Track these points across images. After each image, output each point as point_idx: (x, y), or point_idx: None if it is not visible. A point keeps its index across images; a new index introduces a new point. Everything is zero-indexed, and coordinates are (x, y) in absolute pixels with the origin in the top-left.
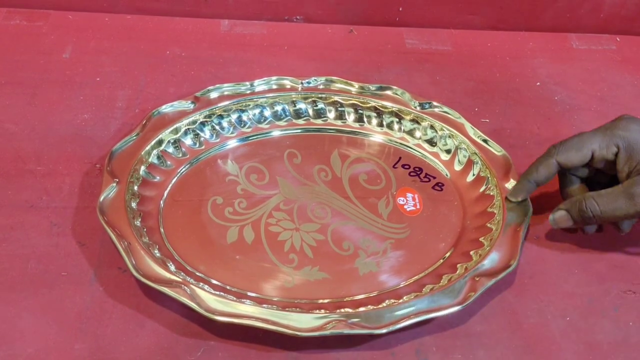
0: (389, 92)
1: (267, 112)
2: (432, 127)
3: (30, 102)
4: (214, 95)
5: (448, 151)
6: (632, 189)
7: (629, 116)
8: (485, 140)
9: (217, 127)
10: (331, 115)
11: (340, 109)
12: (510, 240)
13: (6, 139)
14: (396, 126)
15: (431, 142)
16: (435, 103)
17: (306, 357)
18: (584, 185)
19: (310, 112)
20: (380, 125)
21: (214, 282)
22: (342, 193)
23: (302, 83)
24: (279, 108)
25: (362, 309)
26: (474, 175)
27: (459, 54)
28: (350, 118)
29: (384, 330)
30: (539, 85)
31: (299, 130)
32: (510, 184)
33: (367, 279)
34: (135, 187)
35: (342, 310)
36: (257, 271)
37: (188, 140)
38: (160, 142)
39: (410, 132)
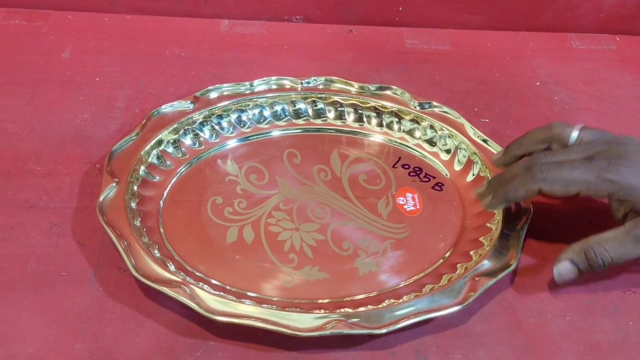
0: (388, 92)
1: (267, 112)
2: (431, 127)
3: (30, 102)
4: (213, 95)
5: (448, 151)
6: (638, 231)
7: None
8: (485, 140)
9: (217, 127)
10: (331, 115)
11: (339, 109)
12: (511, 240)
13: (6, 139)
14: (396, 126)
15: (431, 142)
16: (435, 103)
17: (306, 357)
18: None
19: (310, 112)
20: (380, 125)
21: (214, 282)
22: (341, 193)
23: (301, 83)
24: (278, 108)
25: (362, 309)
26: (473, 175)
27: (459, 54)
28: (350, 118)
29: (383, 330)
30: (539, 85)
31: (299, 130)
32: None
33: (367, 279)
34: (135, 187)
35: (342, 310)
36: (256, 271)
37: (188, 140)
38: (159, 142)
39: (410, 132)
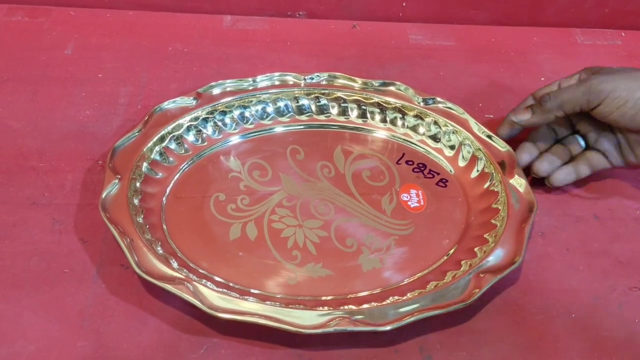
0: (392, 88)
1: (270, 108)
2: (435, 123)
3: (32, 99)
4: (216, 91)
5: (452, 147)
6: (588, 81)
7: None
8: (489, 136)
9: (220, 124)
10: (334, 111)
11: (343, 105)
12: (515, 236)
13: (8, 136)
14: (400, 122)
15: (435, 138)
16: (439, 99)
17: (309, 354)
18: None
19: (313, 108)
20: (384, 121)
21: (217, 279)
22: (345, 189)
23: (304, 79)
24: (281, 104)
25: (365, 305)
26: (478, 171)
27: (463, 50)
28: (354, 114)
29: (387, 328)
30: (544, 80)
31: (302, 127)
32: (515, 180)
33: (370, 275)
34: (138, 184)
35: (346, 307)
36: (260, 268)
37: (190, 137)
38: (162, 139)
39: (414, 128)
